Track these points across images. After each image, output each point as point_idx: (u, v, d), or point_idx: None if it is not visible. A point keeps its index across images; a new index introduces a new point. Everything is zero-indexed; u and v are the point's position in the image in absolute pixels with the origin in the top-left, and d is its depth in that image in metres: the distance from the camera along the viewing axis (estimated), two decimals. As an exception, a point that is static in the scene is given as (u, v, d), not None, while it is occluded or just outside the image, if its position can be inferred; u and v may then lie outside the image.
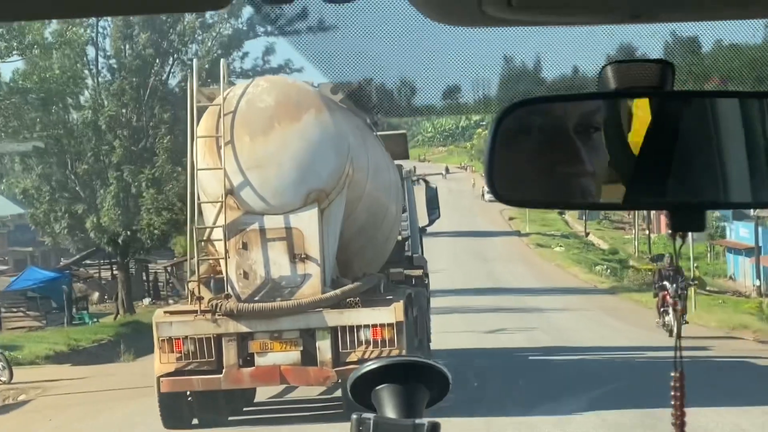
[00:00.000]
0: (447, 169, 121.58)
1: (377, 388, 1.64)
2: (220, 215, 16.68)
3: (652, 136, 1.73)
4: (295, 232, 16.73)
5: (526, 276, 55.61)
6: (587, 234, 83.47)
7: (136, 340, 31.16)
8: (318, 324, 16.58)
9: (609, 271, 60.42)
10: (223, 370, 16.50)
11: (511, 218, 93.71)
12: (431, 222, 26.72)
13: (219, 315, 16.42)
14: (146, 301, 47.28)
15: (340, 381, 16.75)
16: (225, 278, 16.63)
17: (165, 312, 17.34)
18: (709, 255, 72.83)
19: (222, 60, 21.98)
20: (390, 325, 16.57)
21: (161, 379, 16.58)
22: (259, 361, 16.59)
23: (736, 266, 63.51)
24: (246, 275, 16.64)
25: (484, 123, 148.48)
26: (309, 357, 16.67)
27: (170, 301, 43.43)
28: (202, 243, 17.31)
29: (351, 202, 17.55)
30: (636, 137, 1.75)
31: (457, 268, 55.69)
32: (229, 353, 16.50)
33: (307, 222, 16.75)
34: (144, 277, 51.56)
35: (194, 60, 24.97)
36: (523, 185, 1.85)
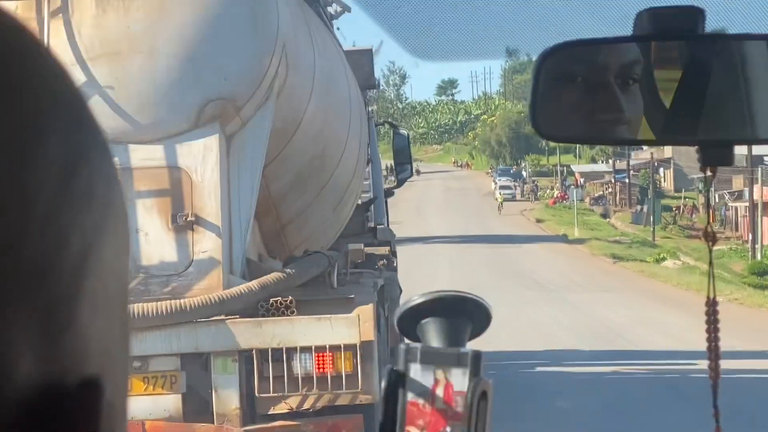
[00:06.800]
0: (417, 171, 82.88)
1: (423, 321, 1.62)
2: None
3: (686, 77, 1.87)
4: (181, 175, 9.20)
5: None
6: (654, 240, 62.24)
7: None
8: (216, 345, 9.06)
9: None
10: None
11: (539, 220, 74.54)
12: (401, 182, 19.89)
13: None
14: None
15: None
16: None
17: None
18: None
19: None
20: (350, 347, 9.05)
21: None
22: (105, 411, 8.97)
23: None
24: (86, 253, 9.00)
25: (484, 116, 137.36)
26: (198, 405, 9.13)
27: None
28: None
29: (282, 126, 10.01)
30: (671, 78, 1.88)
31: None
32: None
33: (200, 157, 9.23)
34: None
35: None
36: (564, 122, 1.96)
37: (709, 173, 1.86)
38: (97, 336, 0.69)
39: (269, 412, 9.10)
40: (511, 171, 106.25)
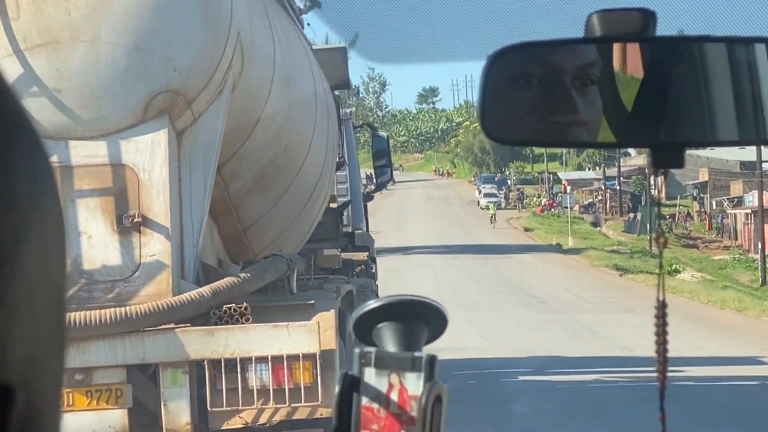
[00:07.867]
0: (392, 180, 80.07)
1: (379, 325, 1.62)
2: (-24, 139, 8.37)
3: (641, 79, 1.87)
4: (127, 173, 8.57)
5: None
6: (652, 250, 56.17)
7: None
8: (165, 355, 8.43)
9: None
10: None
11: (527, 229, 70.56)
12: (380, 186, 19.31)
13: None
14: None
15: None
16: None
17: None
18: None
19: None
20: (309, 357, 8.42)
21: None
22: (46, 428, 8.33)
23: None
24: (25, 257, 8.35)
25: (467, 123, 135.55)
26: (146, 420, 8.51)
27: None
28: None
29: (239, 122, 9.39)
30: (624, 81, 1.88)
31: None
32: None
33: (147, 153, 8.61)
34: None
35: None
36: (516, 125, 1.94)
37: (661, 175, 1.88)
38: (20, 343, 0.67)
39: (222, 428, 8.48)
40: (496, 179, 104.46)
